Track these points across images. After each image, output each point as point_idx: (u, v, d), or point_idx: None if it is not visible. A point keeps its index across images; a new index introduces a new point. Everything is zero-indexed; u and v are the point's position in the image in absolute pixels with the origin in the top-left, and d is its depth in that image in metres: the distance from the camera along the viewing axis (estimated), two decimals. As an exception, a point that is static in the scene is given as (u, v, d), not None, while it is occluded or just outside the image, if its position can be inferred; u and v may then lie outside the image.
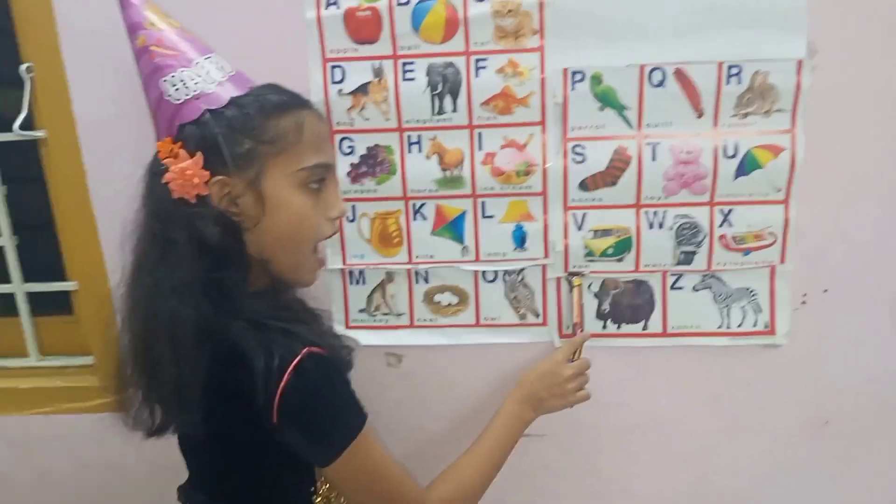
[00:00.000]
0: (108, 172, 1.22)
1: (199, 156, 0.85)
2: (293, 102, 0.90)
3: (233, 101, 0.88)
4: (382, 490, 0.91)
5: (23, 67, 1.21)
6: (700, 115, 1.10)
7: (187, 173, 0.85)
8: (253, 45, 1.11)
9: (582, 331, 1.18)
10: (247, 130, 0.86)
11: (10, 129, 1.23)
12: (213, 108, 0.87)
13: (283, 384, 0.81)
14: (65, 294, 1.39)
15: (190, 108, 0.87)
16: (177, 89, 0.88)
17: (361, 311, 1.25)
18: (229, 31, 1.11)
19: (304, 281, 0.97)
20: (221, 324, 0.84)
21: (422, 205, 1.19)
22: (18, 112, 1.22)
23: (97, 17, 1.14)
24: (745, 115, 1.10)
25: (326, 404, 0.86)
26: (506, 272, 1.21)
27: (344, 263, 1.22)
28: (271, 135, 0.87)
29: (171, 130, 0.88)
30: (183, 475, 1.02)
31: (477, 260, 1.21)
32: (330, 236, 0.96)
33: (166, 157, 0.86)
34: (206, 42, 0.93)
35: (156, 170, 0.88)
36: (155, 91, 0.89)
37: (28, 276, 1.38)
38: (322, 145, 0.93)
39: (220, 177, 0.86)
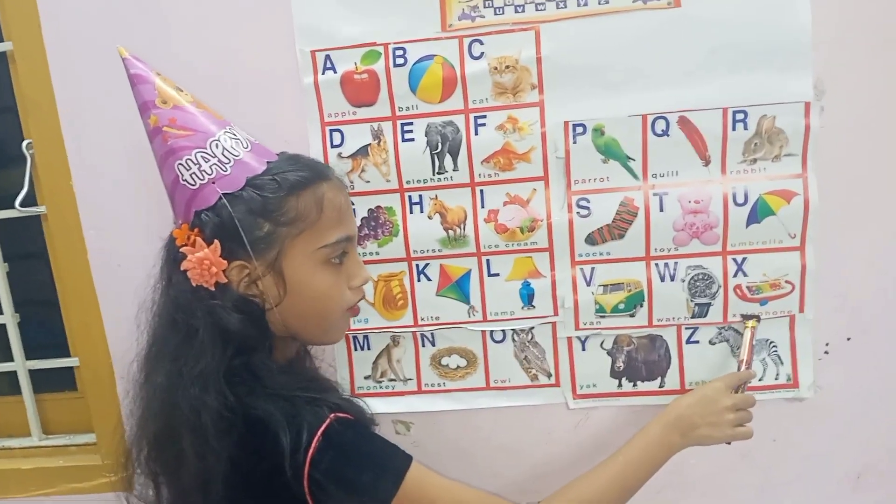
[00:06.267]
0: (109, 248, 1.15)
1: (216, 244, 0.78)
2: (312, 177, 0.83)
3: (250, 183, 0.80)
4: None
5: (24, 144, 1.13)
6: (707, 163, 1.00)
7: (205, 263, 0.78)
8: (252, 113, 1.04)
9: (749, 369, 1.02)
10: (265, 213, 0.79)
11: (12, 206, 1.15)
12: (229, 191, 0.79)
13: (311, 453, 0.75)
14: (70, 369, 1.28)
15: (206, 194, 0.80)
16: (192, 174, 0.80)
17: (367, 377, 1.13)
18: (228, 99, 1.03)
19: (333, 341, 0.93)
20: (247, 403, 0.77)
21: (426, 265, 1.08)
22: (21, 189, 1.15)
23: (96, 95, 1.09)
24: (754, 160, 1.00)
25: (362, 459, 0.79)
26: (514, 331, 1.09)
27: (348, 328, 1.11)
28: (291, 215, 0.80)
29: (188, 216, 0.81)
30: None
31: (484, 320, 1.09)
32: (356, 303, 0.89)
33: (183, 245, 0.79)
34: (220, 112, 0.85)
35: (173, 255, 0.81)
36: (170, 174, 0.82)
37: (34, 353, 1.28)
38: (343, 218, 0.85)
39: (238, 262, 0.79)
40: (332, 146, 1.06)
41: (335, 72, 1.04)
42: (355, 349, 1.12)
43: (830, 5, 0.95)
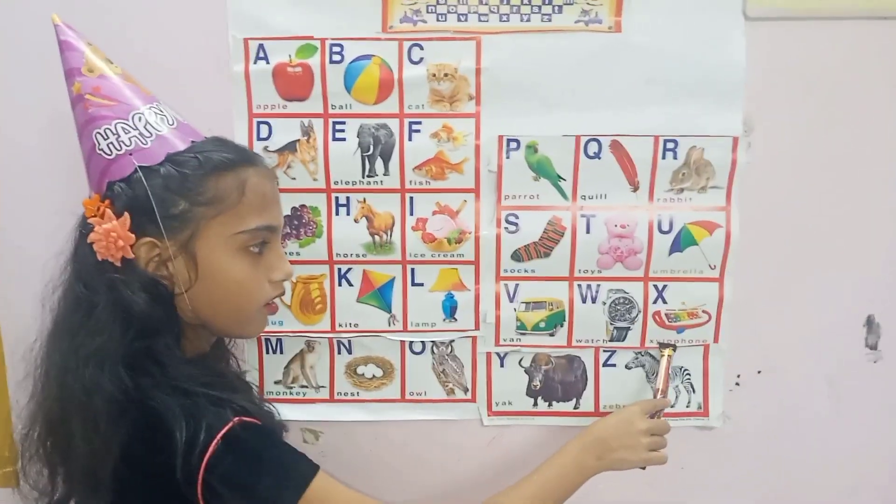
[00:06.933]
0: (7, 225, 1.05)
1: (125, 217, 0.74)
2: (237, 160, 0.78)
3: (169, 159, 0.76)
4: None
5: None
6: (636, 189, 1.01)
7: (112, 235, 0.73)
8: (176, 96, 0.96)
9: (664, 398, 1.02)
10: (182, 190, 0.75)
11: None
12: (146, 164, 0.75)
13: (208, 456, 0.70)
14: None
15: (121, 165, 0.76)
16: (109, 143, 0.76)
17: (277, 382, 1.08)
18: (152, 79, 0.96)
19: (249, 335, 0.91)
20: (146, 393, 0.72)
21: (348, 270, 1.04)
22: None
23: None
24: (681, 190, 1.01)
25: (264, 467, 0.74)
26: (434, 343, 1.06)
27: (266, 324, 1.05)
28: (209, 195, 0.75)
29: (101, 187, 0.76)
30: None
31: (405, 330, 1.06)
32: (275, 298, 0.84)
33: (92, 217, 0.74)
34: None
35: (83, 228, 0.77)
36: (87, 143, 0.77)
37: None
38: (266, 206, 0.81)
39: (148, 239, 0.74)
40: (259, 139, 1.01)
41: (268, 62, 0.99)
42: (267, 352, 1.07)
43: (763, 47, 0.98)
